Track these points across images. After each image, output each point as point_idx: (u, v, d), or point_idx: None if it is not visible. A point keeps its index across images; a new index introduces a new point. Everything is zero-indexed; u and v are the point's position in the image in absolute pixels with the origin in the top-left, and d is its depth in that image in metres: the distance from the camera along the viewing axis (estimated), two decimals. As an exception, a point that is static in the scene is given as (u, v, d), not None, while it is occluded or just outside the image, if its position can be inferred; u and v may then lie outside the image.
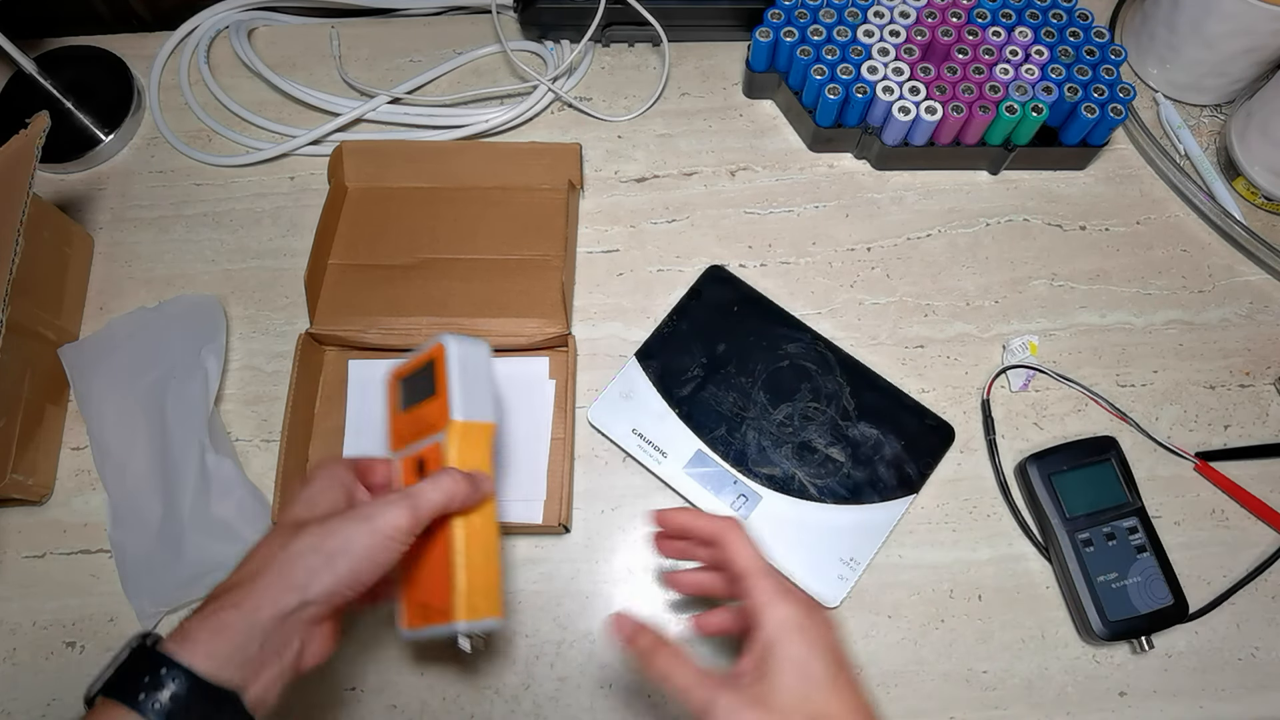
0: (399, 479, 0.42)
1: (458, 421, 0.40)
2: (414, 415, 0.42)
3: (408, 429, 0.42)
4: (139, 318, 0.59)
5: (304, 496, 0.39)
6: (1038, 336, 0.59)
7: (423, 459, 0.41)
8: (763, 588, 0.36)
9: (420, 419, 0.42)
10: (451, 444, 0.40)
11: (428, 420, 0.41)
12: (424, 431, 0.41)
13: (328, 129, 0.65)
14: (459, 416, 0.40)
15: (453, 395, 0.40)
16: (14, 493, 0.53)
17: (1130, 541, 0.51)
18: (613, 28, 0.68)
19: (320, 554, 0.36)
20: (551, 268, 0.60)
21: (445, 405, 0.40)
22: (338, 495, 0.40)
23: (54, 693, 0.51)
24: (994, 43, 0.61)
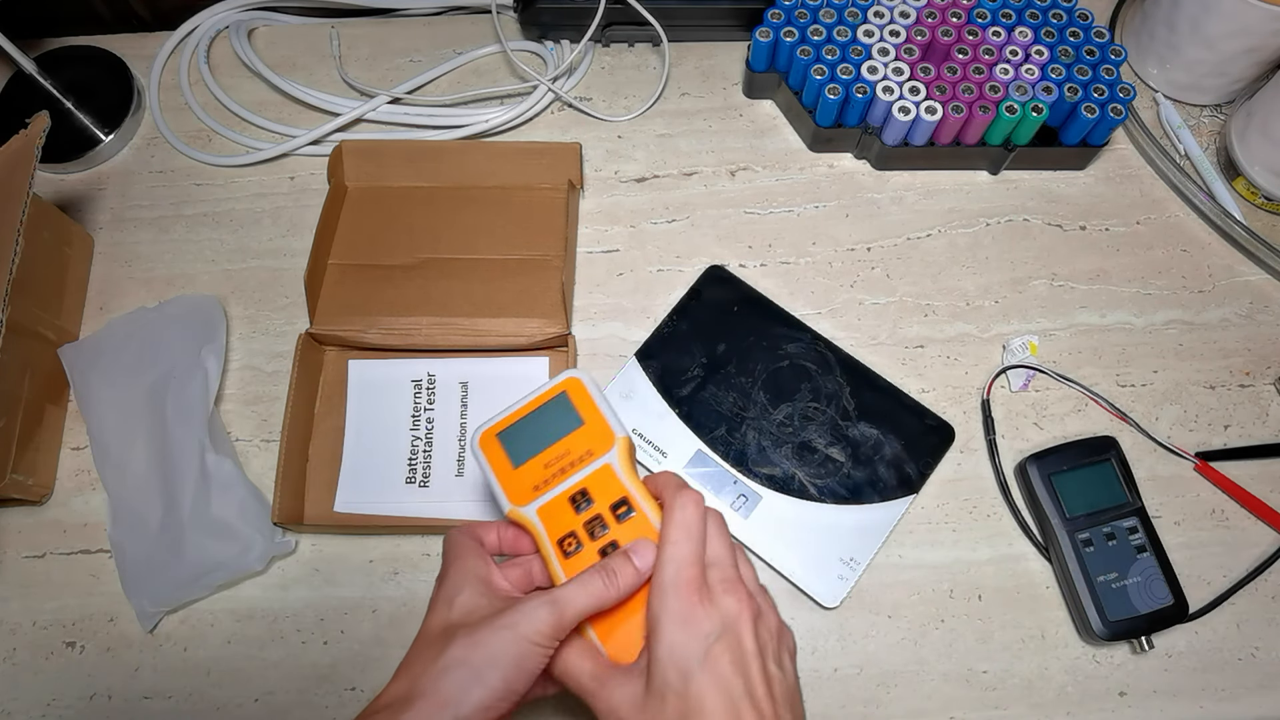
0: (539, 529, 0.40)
1: (626, 437, 0.41)
2: (541, 460, 0.41)
3: (536, 476, 0.41)
4: (139, 318, 0.59)
5: (443, 595, 0.38)
6: (1038, 336, 0.59)
7: (585, 489, 0.40)
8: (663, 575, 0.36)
9: (557, 458, 0.41)
10: (624, 459, 0.41)
11: (571, 453, 0.41)
12: (571, 467, 0.41)
13: (328, 129, 0.65)
14: (622, 432, 0.41)
15: (607, 415, 0.41)
16: (14, 493, 0.53)
17: (1130, 541, 0.51)
18: (613, 28, 0.68)
19: (469, 667, 0.34)
20: (551, 268, 0.60)
21: (604, 427, 0.41)
22: (476, 589, 0.38)
23: (54, 693, 0.52)
24: (994, 43, 0.61)
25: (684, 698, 0.33)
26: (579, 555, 0.39)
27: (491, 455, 0.42)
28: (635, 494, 0.40)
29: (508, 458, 0.42)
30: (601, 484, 0.40)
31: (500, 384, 0.58)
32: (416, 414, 0.57)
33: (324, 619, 0.53)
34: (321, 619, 0.53)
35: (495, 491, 0.41)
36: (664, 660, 0.34)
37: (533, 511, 0.40)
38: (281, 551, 0.53)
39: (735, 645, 0.35)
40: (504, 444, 0.42)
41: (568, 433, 0.41)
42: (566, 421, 0.41)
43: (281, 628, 0.53)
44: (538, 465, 0.41)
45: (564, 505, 0.40)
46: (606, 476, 0.40)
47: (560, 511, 0.40)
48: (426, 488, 0.55)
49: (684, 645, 0.34)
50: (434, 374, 0.58)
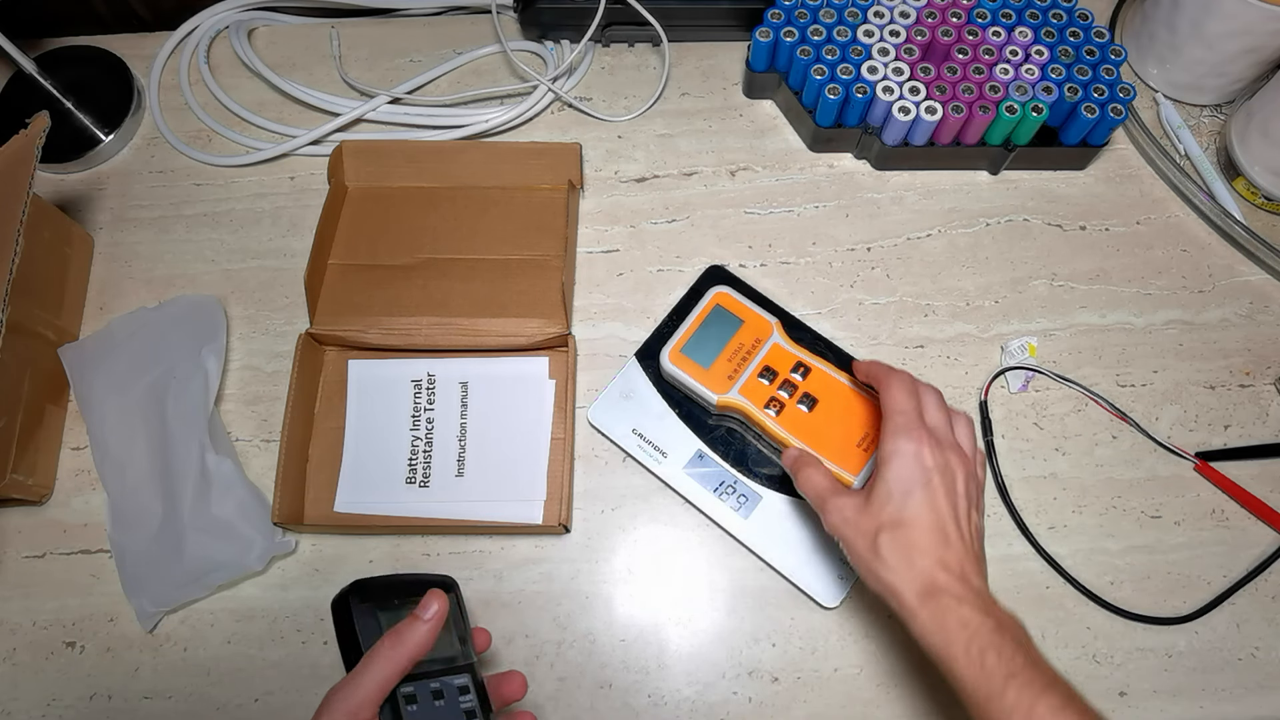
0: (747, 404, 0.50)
1: (778, 321, 0.53)
2: (724, 356, 0.52)
3: (726, 369, 0.52)
4: (139, 318, 0.59)
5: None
6: (1037, 337, 0.59)
7: (767, 365, 0.51)
8: (895, 422, 0.42)
9: (734, 351, 0.52)
10: (784, 336, 0.53)
11: (745, 345, 0.52)
12: (750, 354, 0.52)
13: (328, 129, 0.65)
14: (773, 319, 0.53)
15: (758, 310, 0.54)
16: (14, 493, 0.53)
17: (461, 704, 0.40)
18: (613, 28, 0.68)
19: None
20: (551, 268, 0.60)
21: (760, 319, 0.53)
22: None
23: (54, 693, 0.52)
24: (994, 43, 0.61)
25: (902, 507, 0.41)
26: (786, 411, 0.50)
27: (684, 366, 0.52)
28: (805, 356, 0.52)
29: (697, 364, 0.52)
30: (778, 357, 0.52)
31: (500, 384, 0.58)
32: (416, 414, 0.57)
33: (324, 619, 0.53)
34: (321, 619, 0.53)
35: (699, 391, 0.52)
36: (890, 482, 0.41)
37: (736, 393, 0.51)
38: (281, 551, 0.53)
39: (951, 482, 0.42)
40: (690, 355, 0.52)
41: (734, 331, 0.53)
42: (730, 324, 0.53)
43: (281, 628, 0.53)
44: (723, 361, 0.52)
45: (757, 381, 0.51)
46: (779, 352, 0.52)
47: (756, 386, 0.51)
48: (426, 488, 0.55)
49: (910, 473, 0.41)
50: (434, 374, 0.58)
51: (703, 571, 0.54)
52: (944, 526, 0.40)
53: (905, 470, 0.41)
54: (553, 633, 0.52)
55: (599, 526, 0.55)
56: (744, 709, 0.51)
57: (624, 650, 0.52)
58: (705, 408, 0.54)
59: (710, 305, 0.53)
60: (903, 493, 0.41)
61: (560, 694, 0.51)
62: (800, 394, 0.50)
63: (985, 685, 0.37)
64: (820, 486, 0.45)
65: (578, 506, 0.55)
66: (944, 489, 0.41)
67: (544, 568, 0.54)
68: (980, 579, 0.41)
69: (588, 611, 0.53)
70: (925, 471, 0.41)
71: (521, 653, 0.52)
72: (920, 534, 0.40)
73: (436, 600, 0.39)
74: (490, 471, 0.56)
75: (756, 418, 0.50)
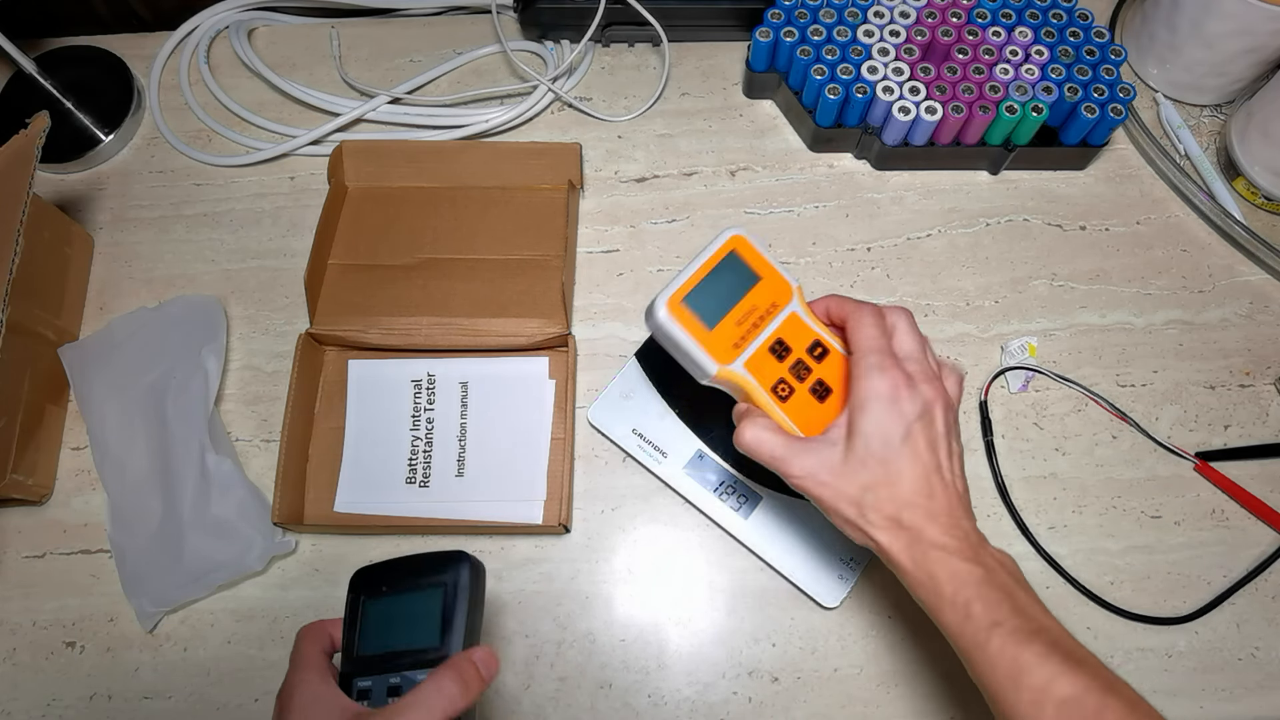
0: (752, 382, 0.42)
1: (799, 286, 0.43)
2: (732, 318, 0.42)
3: (732, 333, 0.42)
4: (139, 318, 0.59)
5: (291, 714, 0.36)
6: (1036, 337, 0.59)
7: (780, 338, 0.42)
8: (866, 363, 0.39)
9: (746, 314, 0.42)
10: (804, 306, 0.43)
11: (758, 308, 0.42)
12: (762, 320, 0.42)
13: (328, 129, 0.65)
14: (796, 281, 0.43)
15: (779, 268, 0.43)
16: (14, 493, 0.53)
17: None
18: (613, 28, 0.68)
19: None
20: (551, 268, 0.60)
21: (780, 279, 0.43)
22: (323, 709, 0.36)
23: (54, 693, 0.52)
24: (994, 43, 0.61)
25: (885, 464, 0.38)
26: (794, 398, 0.42)
27: (685, 321, 0.41)
28: (825, 335, 0.43)
29: (700, 321, 0.41)
30: (794, 331, 0.42)
31: (500, 384, 0.58)
32: (416, 414, 0.57)
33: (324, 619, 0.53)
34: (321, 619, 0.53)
35: (696, 356, 0.41)
36: (869, 433, 0.38)
37: (740, 367, 0.41)
38: (281, 551, 0.53)
39: (930, 426, 0.39)
40: (692, 308, 0.41)
41: (749, 288, 0.42)
42: (745, 278, 0.42)
43: (281, 628, 0.53)
44: (730, 324, 0.42)
45: (766, 356, 0.42)
46: (796, 324, 0.42)
47: (765, 362, 0.42)
48: (426, 488, 0.55)
49: (889, 422, 0.38)
50: (434, 374, 0.58)
51: (703, 571, 0.54)
52: (929, 477, 0.38)
53: (883, 421, 0.38)
54: (553, 633, 0.52)
55: (599, 526, 0.55)
56: (744, 709, 0.51)
57: (624, 650, 0.52)
58: (691, 374, 0.43)
59: (724, 250, 0.42)
60: (883, 446, 0.38)
61: (560, 694, 0.51)
62: (814, 380, 0.42)
63: (971, 635, 0.36)
64: (774, 445, 0.40)
65: (578, 506, 0.55)
66: (925, 436, 0.39)
67: (544, 568, 0.54)
68: (968, 519, 0.39)
69: (588, 611, 0.53)
70: (904, 420, 0.38)
71: (521, 653, 0.52)
72: (906, 489, 0.38)
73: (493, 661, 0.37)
74: (490, 471, 0.56)
75: (760, 400, 0.42)
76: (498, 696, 0.51)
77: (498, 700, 0.51)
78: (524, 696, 0.51)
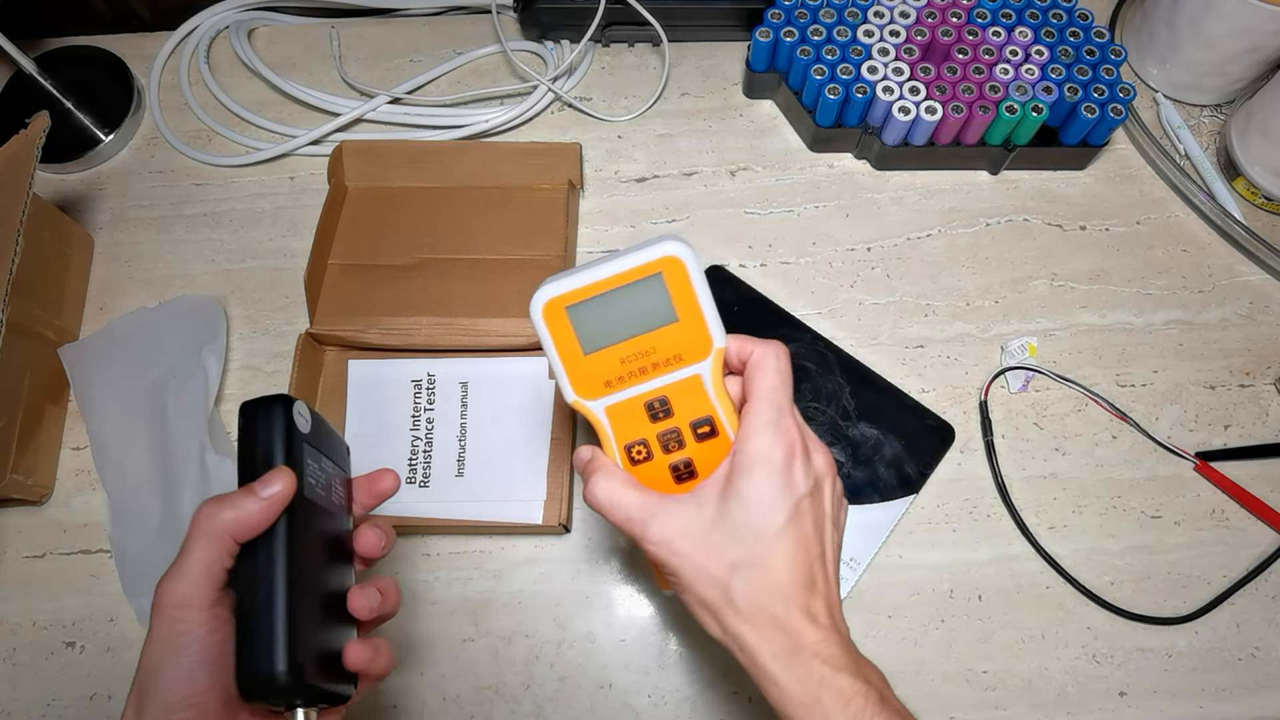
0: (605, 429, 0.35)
1: (722, 348, 0.35)
2: (618, 352, 0.34)
3: (609, 370, 0.35)
4: (139, 318, 0.59)
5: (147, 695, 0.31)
6: (1037, 337, 0.59)
7: (665, 397, 0.35)
8: (762, 418, 0.33)
9: (637, 354, 0.34)
10: (717, 372, 0.35)
11: (656, 354, 0.34)
12: (652, 369, 0.35)
13: (328, 129, 0.65)
14: (721, 341, 0.35)
15: (708, 316, 0.34)
16: (14, 493, 0.53)
17: None
18: (613, 28, 0.68)
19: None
20: (551, 268, 0.60)
21: (702, 330, 0.34)
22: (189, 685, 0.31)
23: (54, 693, 0.52)
24: (994, 43, 0.61)
25: (763, 542, 0.32)
26: (648, 464, 0.35)
27: (557, 332, 0.34)
28: (722, 415, 0.35)
29: (577, 340, 0.34)
30: (686, 395, 0.35)
31: (500, 384, 0.58)
32: (416, 414, 0.57)
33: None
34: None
35: (556, 373, 0.35)
36: (751, 501, 0.32)
37: (600, 409, 0.35)
38: (281, 551, 0.53)
39: (818, 505, 0.34)
40: (574, 322, 0.34)
41: (656, 327, 0.34)
42: (657, 312, 0.34)
43: (281, 628, 0.53)
44: (613, 358, 0.34)
45: (638, 409, 0.35)
46: (693, 389, 0.35)
47: (632, 415, 0.35)
48: (426, 488, 0.55)
49: (776, 495, 0.32)
50: (434, 374, 0.58)
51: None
52: (811, 566, 0.33)
53: (770, 490, 0.32)
54: (553, 633, 0.52)
55: (599, 526, 0.55)
56: (744, 709, 0.51)
57: (624, 650, 0.52)
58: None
59: (647, 269, 0.33)
60: (763, 521, 0.32)
61: (560, 694, 0.51)
62: (680, 458, 0.35)
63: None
64: (630, 504, 0.34)
65: (578, 506, 0.55)
66: (813, 516, 0.33)
67: (544, 568, 0.54)
68: (843, 622, 0.34)
69: (588, 611, 0.53)
70: (794, 493, 0.33)
71: (521, 653, 0.52)
72: (783, 576, 0.32)
73: (281, 480, 0.32)
74: (490, 471, 0.56)
75: (606, 448, 0.36)
76: (498, 697, 0.51)
77: (498, 700, 0.51)
78: (524, 696, 0.51)
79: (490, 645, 0.52)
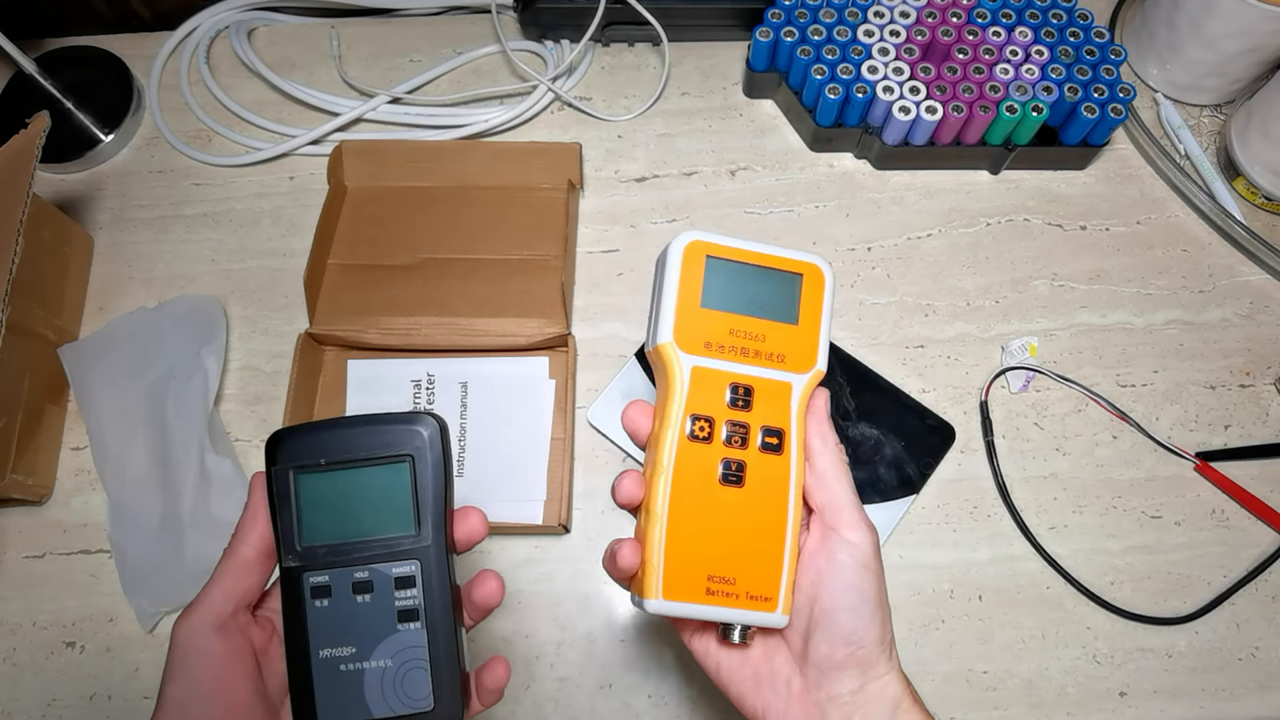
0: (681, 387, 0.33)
1: (822, 372, 0.35)
2: (738, 323, 0.34)
3: (715, 333, 0.34)
4: (139, 318, 0.59)
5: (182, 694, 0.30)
6: (1037, 337, 0.59)
7: (751, 387, 0.34)
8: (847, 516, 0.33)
9: (752, 336, 0.34)
10: (806, 393, 0.35)
11: (766, 344, 0.34)
12: (756, 356, 0.34)
13: (327, 129, 0.65)
14: (823, 365, 0.35)
15: (823, 336, 0.35)
16: (14, 493, 0.53)
17: (396, 601, 0.32)
18: (613, 27, 0.68)
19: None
20: (551, 268, 0.60)
21: (814, 346, 0.35)
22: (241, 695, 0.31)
23: (54, 693, 0.51)
24: (994, 43, 0.61)
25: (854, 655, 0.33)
26: (701, 446, 0.33)
27: (687, 273, 0.34)
28: (794, 439, 0.34)
29: (701, 290, 0.34)
30: (771, 398, 0.34)
31: (500, 384, 0.58)
32: (416, 414, 0.57)
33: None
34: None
35: (661, 313, 0.34)
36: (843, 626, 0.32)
37: (689, 365, 0.34)
38: (281, 551, 0.53)
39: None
40: (708, 272, 0.34)
41: (776, 319, 0.35)
42: (783, 306, 0.35)
43: (281, 628, 0.53)
44: (725, 324, 0.34)
45: (722, 385, 0.34)
46: (780, 395, 0.34)
47: (714, 388, 0.34)
48: (426, 488, 0.55)
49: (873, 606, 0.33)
50: (434, 374, 0.58)
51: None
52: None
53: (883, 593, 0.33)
54: (553, 633, 0.52)
55: (599, 526, 0.55)
56: (744, 709, 0.51)
57: (624, 650, 0.52)
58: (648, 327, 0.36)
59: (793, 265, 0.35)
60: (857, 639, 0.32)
61: (560, 694, 0.51)
62: (737, 458, 0.34)
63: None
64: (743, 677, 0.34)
65: (578, 506, 0.55)
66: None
67: (544, 568, 0.54)
68: None
69: (588, 611, 0.53)
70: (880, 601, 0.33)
71: (521, 653, 0.52)
72: None
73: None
74: (490, 471, 0.56)
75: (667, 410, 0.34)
76: (498, 696, 0.51)
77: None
78: (524, 696, 0.51)
79: (490, 645, 0.52)
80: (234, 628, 0.32)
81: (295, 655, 0.31)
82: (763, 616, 0.33)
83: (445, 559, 0.32)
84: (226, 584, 0.32)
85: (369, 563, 0.31)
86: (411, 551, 0.31)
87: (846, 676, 0.33)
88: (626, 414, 0.35)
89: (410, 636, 0.31)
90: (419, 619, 0.31)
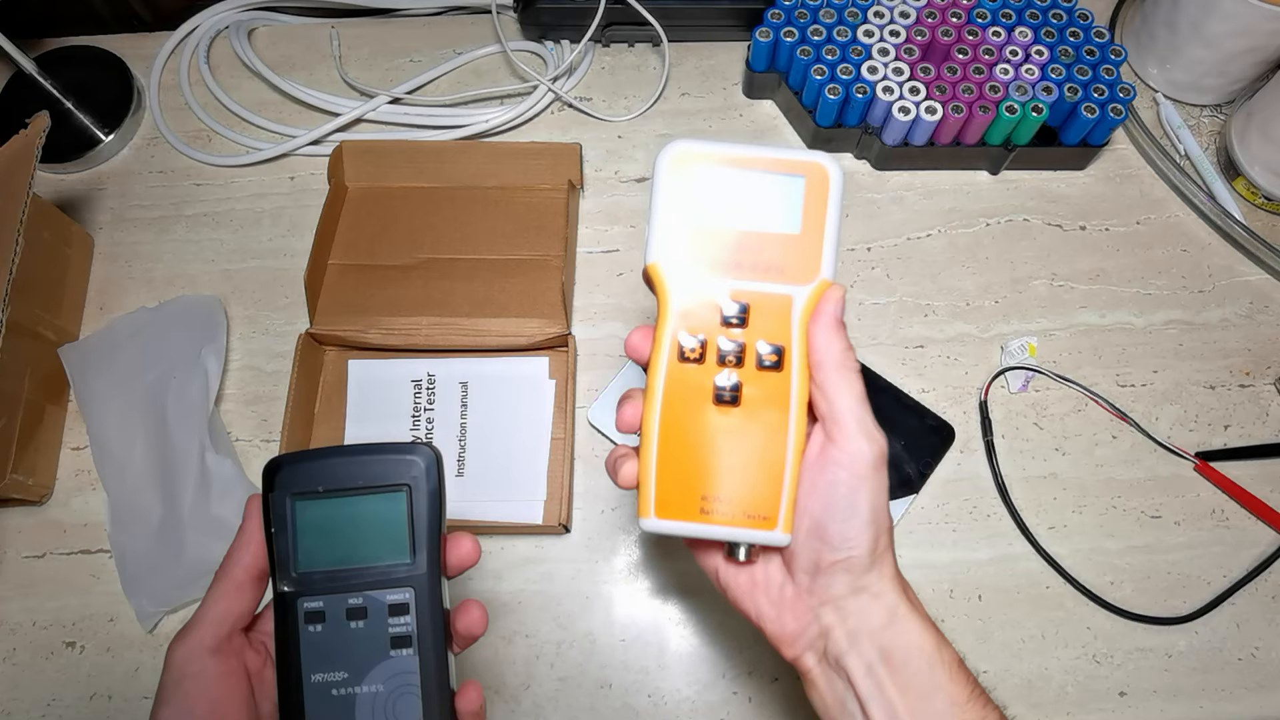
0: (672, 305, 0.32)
1: (827, 283, 0.32)
2: (730, 239, 0.32)
3: (711, 249, 0.32)
4: (139, 318, 0.59)
5: None
6: (1036, 337, 0.59)
7: (748, 305, 0.32)
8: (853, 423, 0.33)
9: (748, 249, 0.32)
10: (807, 309, 0.32)
11: (763, 257, 0.32)
12: (751, 270, 0.32)
13: (328, 129, 0.65)
14: (828, 274, 0.32)
15: (828, 242, 0.32)
16: (14, 493, 0.53)
17: (390, 628, 0.32)
18: (613, 28, 0.68)
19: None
20: (551, 268, 0.60)
21: (816, 251, 0.32)
22: None
23: (54, 693, 0.51)
24: (994, 43, 0.61)
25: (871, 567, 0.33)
26: (694, 367, 0.32)
27: (677, 184, 0.32)
28: (795, 354, 0.32)
29: (691, 201, 0.32)
30: (770, 313, 0.32)
31: (500, 384, 0.58)
32: (416, 414, 0.57)
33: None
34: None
35: (656, 225, 0.32)
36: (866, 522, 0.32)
37: (678, 283, 0.32)
38: (281, 551, 0.53)
39: None
40: (698, 183, 0.32)
41: (774, 230, 0.32)
42: (781, 214, 0.32)
43: (281, 628, 0.53)
44: (716, 238, 0.32)
45: (714, 301, 0.32)
46: (780, 310, 0.32)
47: (706, 305, 0.32)
48: (426, 488, 0.55)
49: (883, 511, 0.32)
50: (434, 374, 0.58)
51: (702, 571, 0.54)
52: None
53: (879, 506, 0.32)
54: (553, 633, 0.52)
55: (599, 526, 0.55)
56: (744, 709, 0.51)
57: (624, 650, 0.52)
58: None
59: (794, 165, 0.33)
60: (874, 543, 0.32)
61: (560, 694, 0.51)
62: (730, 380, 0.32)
63: None
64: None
65: (578, 506, 0.55)
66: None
67: (544, 568, 0.54)
68: None
69: (588, 611, 0.53)
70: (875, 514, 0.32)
71: (521, 653, 0.52)
72: None
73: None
74: (490, 471, 0.56)
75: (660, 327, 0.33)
76: (498, 696, 0.51)
77: (498, 700, 0.51)
78: (524, 696, 0.51)
79: (490, 645, 0.52)
80: (229, 650, 0.32)
81: (287, 679, 0.31)
82: (761, 535, 0.32)
83: (438, 586, 0.32)
84: (220, 607, 0.32)
85: (363, 589, 0.32)
86: (406, 579, 0.32)
87: (836, 583, 0.32)
88: (630, 340, 0.34)
89: (403, 663, 0.31)
90: (411, 645, 0.31)
